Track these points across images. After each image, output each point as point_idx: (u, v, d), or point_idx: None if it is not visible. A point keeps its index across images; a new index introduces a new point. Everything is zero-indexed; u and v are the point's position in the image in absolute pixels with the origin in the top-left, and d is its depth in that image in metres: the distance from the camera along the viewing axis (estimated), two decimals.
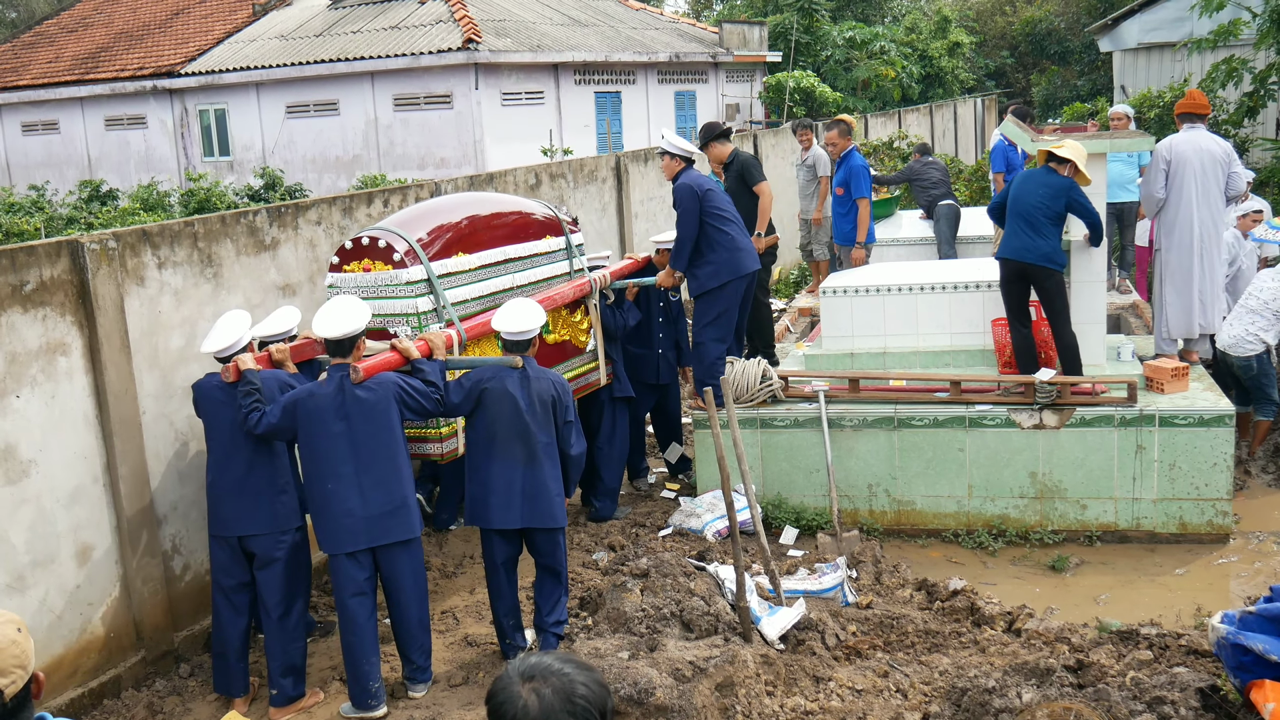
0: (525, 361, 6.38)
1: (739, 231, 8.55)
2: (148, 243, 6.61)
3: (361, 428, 5.92)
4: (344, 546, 5.94)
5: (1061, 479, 7.94)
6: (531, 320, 6.47)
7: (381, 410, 5.94)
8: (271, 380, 6.18)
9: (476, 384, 6.32)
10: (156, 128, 25.24)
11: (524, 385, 6.31)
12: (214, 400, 6.16)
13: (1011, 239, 7.96)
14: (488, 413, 6.31)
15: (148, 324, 6.59)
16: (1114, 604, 7.05)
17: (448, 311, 7.00)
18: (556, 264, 8.06)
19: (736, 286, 8.50)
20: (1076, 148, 8.00)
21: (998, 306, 8.53)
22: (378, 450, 5.94)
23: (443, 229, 7.24)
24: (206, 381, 6.26)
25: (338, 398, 5.92)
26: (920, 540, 8.15)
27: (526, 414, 6.28)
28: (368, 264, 6.98)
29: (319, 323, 6.01)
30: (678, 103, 26.74)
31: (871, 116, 24.56)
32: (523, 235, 7.81)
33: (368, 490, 5.92)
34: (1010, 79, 42.07)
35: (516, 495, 6.30)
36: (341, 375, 5.96)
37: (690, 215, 8.36)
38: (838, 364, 8.88)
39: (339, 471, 5.90)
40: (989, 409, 7.99)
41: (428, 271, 6.96)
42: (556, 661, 2.31)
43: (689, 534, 8.03)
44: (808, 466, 8.32)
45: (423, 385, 6.17)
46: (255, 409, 5.99)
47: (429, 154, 21.76)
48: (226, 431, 6.11)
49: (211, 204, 16.10)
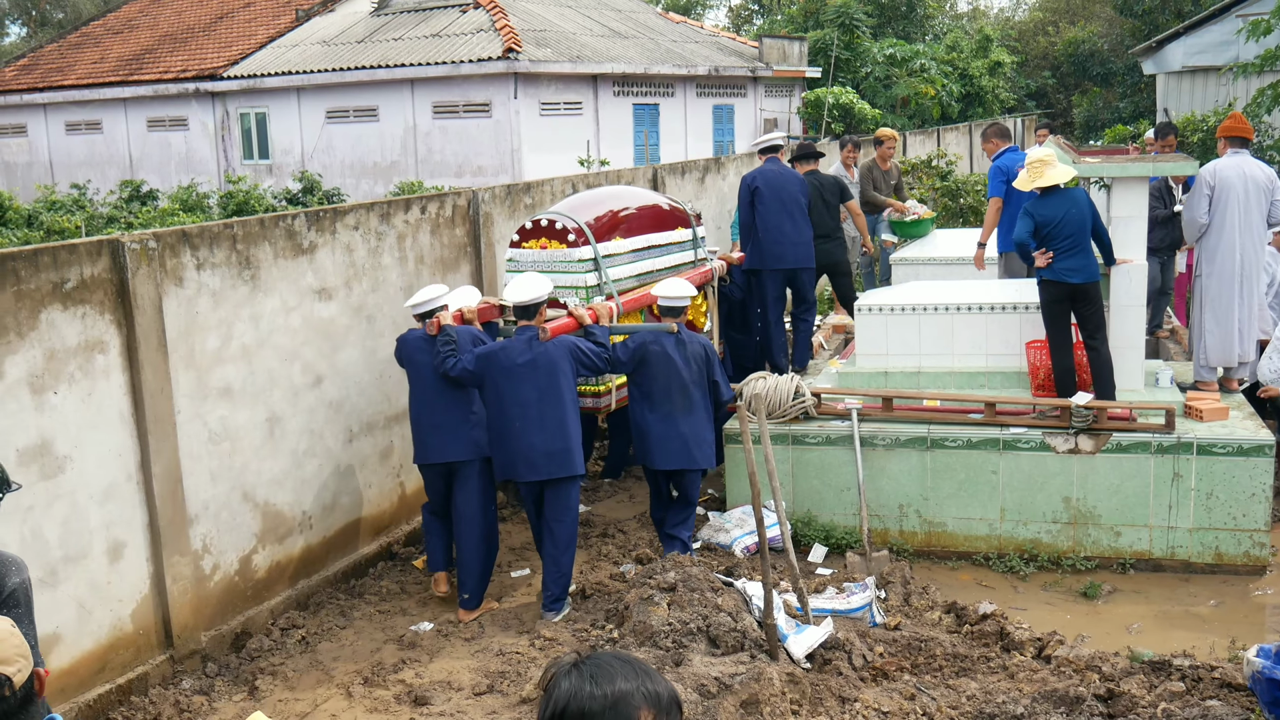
0: (679, 327, 7.54)
1: (778, 226, 9.34)
2: (187, 244, 6.67)
3: (544, 378, 7.07)
4: (525, 476, 7.09)
5: (1096, 505, 7.87)
6: (687, 290, 7.71)
7: (560, 365, 7.11)
8: (465, 334, 7.38)
9: (641, 345, 7.49)
10: (197, 130, 25.50)
11: (680, 347, 7.49)
12: (416, 349, 7.36)
13: (1065, 260, 7.96)
14: (650, 371, 7.45)
15: (185, 324, 6.65)
16: (1146, 634, 6.97)
17: (609, 287, 8.25)
18: (685, 252, 9.27)
19: (769, 279, 9.42)
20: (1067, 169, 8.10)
21: (1035, 328, 8.48)
22: (555, 398, 7.07)
23: (604, 215, 8.46)
24: (410, 334, 7.46)
25: (526, 352, 7.09)
26: (950, 563, 8.10)
27: (684, 371, 7.44)
28: (544, 242, 8.19)
29: (510, 292, 7.26)
30: (716, 116, 26.76)
31: (910, 134, 24.48)
32: (662, 225, 9.05)
33: (547, 430, 7.05)
34: (1051, 99, 41.84)
35: (676, 441, 7.44)
36: (531, 335, 7.14)
37: (740, 204, 9.69)
38: (871, 382, 8.85)
39: (526, 413, 7.03)
40: (1024, 432, 7.94)
41: (595, 251, 8.20)
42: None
43: (717, 549, 8.01)
44: (839, 484, 8.29)
45: (594, 346, 7.32)
46: (451, 354, 7.17)
47: (466, 162, 21.86)
48: (428, 375, 7.29)
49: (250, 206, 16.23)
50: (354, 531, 8.06)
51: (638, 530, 8.51)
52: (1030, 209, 8.11)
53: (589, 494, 9.35)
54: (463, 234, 9.13)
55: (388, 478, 8.37)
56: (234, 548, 7.04)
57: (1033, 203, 8.15)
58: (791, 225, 9.49)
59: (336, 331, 7.81)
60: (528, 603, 7.48)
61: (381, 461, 8.29)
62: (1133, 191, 8.34)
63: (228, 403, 6.94)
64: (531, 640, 6.79)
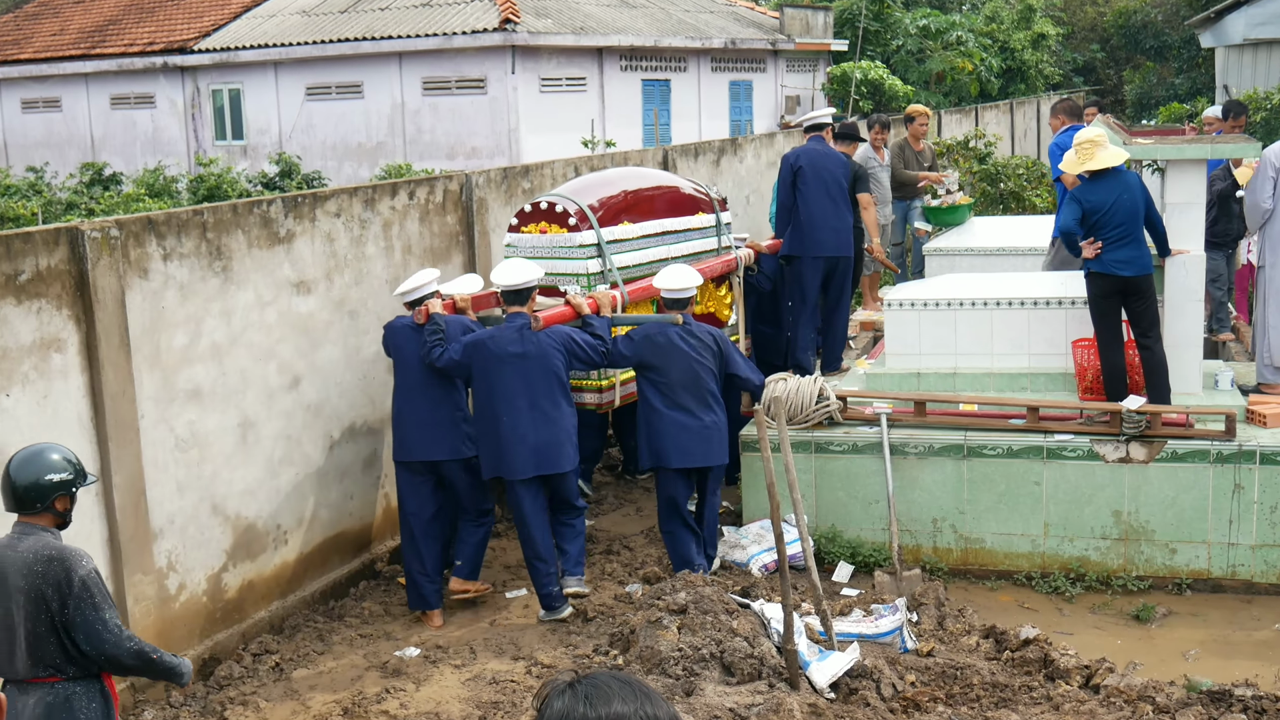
0: (684, 318, 7.64)
1: (820, 209, 9.44)
2: (153, 232, 6.68)
3: (535, 370, 7.27)
4: (514, 474, 7.30)
5: (1149, 519, 7.84)
6: (690, 280, 7.83)
7: (553, 356, 7.29)
8: (455, 324, 7.51)
9: (644, 338, 7.61)
10: (165, 108, 25.56)
11: (687, 339, 7.60)
12: (404, 339, 7.53)
13: (1116, 250, 7.93)
14: (658, 363, 7.58)
15: (150, 320, 6.66)
16: (1204, 660, 6.95)
17: (613, 275, 8.33)
18: (707, 239, 9.35)
19: (808, 266, 9.53)
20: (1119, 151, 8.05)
21: (1081, 325, 8.45)
22: (547, 392, 7.27)
23: (610, 198, 8.59)
24: (398, 322, 7.65)
25: (516, 342, 7.28)
26: (989, 582, 8.08)
27: (696, 365, 7.57)
28: (544, 226, 8.33)
29: (498, 275, 7.44)
30: (732, 93, 26.75)
31: (946, 112, 24.45)
32: (678, 210, 9.15)
33: (537, 425, 7.26)
34: (1100, 75, 41.75)
35: (691, 437, 7.56)
36: (522, 323, 7.31)
37: (779, 185, 9.87)
38: (902, 384, 8.83)
39: (514, 406, 7.25)
40: (1070, 439, 7.92)
41: (598, 237, 8.31)
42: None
43: (733, 567, 8.01)
44: (866, 497, 8.27)
45: (591, 338, 7.50)
46: (438, 344, 7.32)
47: (459, 143, 21.88)
48: (414, 367, 7.45)
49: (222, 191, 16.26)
50: (334, 547, 8.07)
51: (645, 546, 8.50)
52: (1078, 194, 8.09)
53: (592, 506, 9.34)
54: (454, 221, 9.13)
55: (371, 488, 8.37)
56: (202, 565, 7.04)
57: (1080, 188, 8.13)
58: (834, 209, 9.59)
59: (316, 328, 7.81)
60: (523, 626, 7.48)
61: (365, 470, 8.29)
62: (1189, 176, 8.30)
63: (196, 406, 6.95)
64: (528, 667, 6.79)
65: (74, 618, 4.38)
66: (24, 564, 4.40)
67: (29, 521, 4.53)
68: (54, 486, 4.51)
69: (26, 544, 4.45)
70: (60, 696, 4.45)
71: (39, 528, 4.51)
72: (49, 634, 4.41)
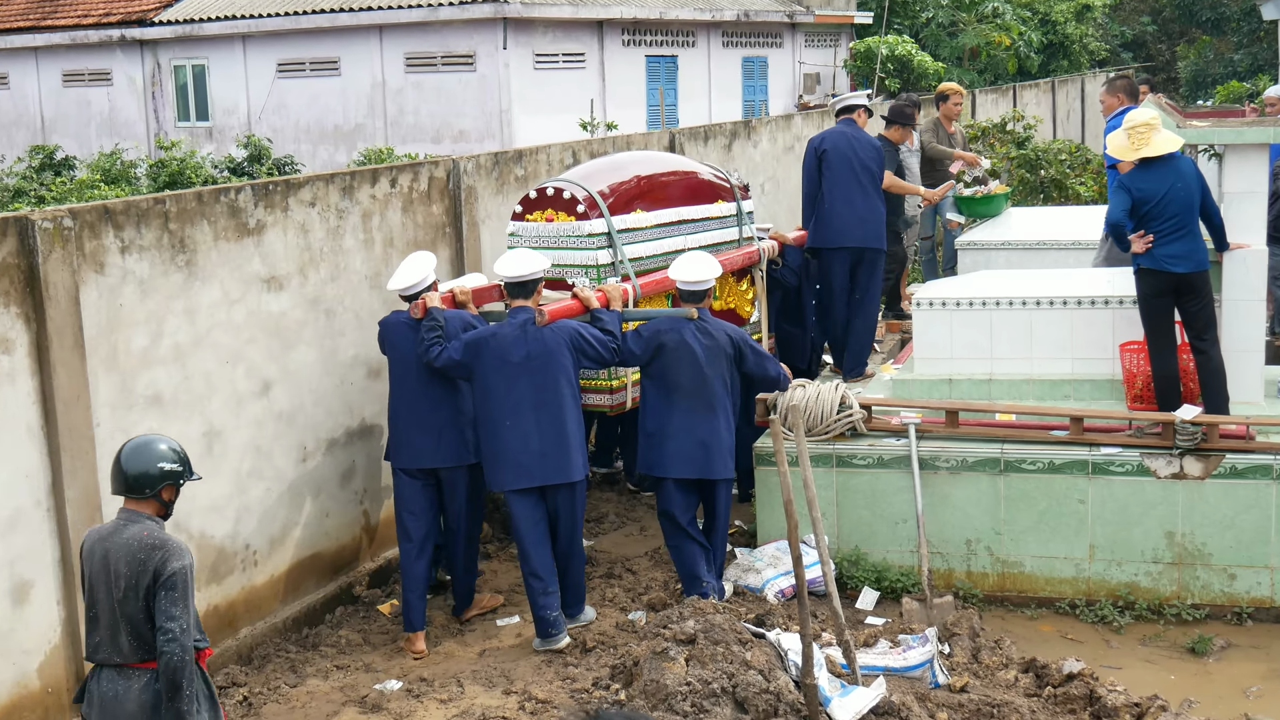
0: (700, 313, 7.67)
1: (846, 198, 9.53)
2: (110, 222, 6.68)
3: (540, 370, 7.31)
4: (517, 484, 7.34)
5: (1205, 541, 7.83)
6: (708, 271, 7.85)
7: (559, 355, 7.33)
8: (456, 319, 7.53)
9: (655, 334, 7.63)
10: (123, 85, 25.60)
11: (701, 337, 7.63)
12: (400, 336, 7.56)
13: (1168, 245, 7.92)
14: (666, 363, 7.61)
15: (107, 319, 6.66)
16: (1267, 698, 6.94)
17: (625, 266, 8.42)
18: (727, 230, 9.43)
19: (833, 259, 9.65)
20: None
21: (1130, 327, 8.45)
22: (553, 393, 7.32)
23: (622, 184, 8.71)
24: (393, 318, 7.66)
25: (520, 339, 7.31)
26: (1029, 611, 8.07)
27: (705, 365, 7.59)
28: (550, 214, 8.45)
29: (501, 265, 7.49)
30: (745, 71, 26.78)
31: (981, 92, 24.47)
32: (696, 198, 9.24)
33: (543, 430, 7.31)
34: (1151, 50, 41.77)
35: (694, 445, 7.59)
36: (525, 318, 7.35)
37: (804, 171, 9.89)
38: (932, 392, 8.83)
39: (517, 409, 7.29)
40: (1118, 453, 7.91)
41: (608, 225, 8.41)
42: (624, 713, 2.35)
43: (746, 593, 8.01)
44: (893, 516, 8.27)
45: (600, 334, 7.53)
46: (436, 343, 7.34)
47: (445, 125, 21.91)
48: (412, 367, 7.48)
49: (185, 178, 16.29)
50: (308, 569, 8.06)
51: (650, 570, 8.50)
52: (1127, 182, 8.08)
53: (591, 525, 9.34)
54: (440, 212, 9.13)
55: (349, 505, 8.37)
56: None
57: (1130, 174, 8.12)
58: (862, 198, 9.65)
59: (288, 328, 7.81)
60: (516, 656, 7.47)
61: (342, 485, 8.28)
62: (1250, 162, 8.29)
63: (157, 413, 6.95)
64: (521, 702, 6.79)
65: (157, 600, 4.90)
66: (128, 550, 4.93)
67: (135, 509, 5.08)
68: (163, 475, 5.08)
69: (132, 531, 4.99)
70: None
71: (144, 516, 5.06)
72: (147, 620, 4.94)
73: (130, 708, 4.93)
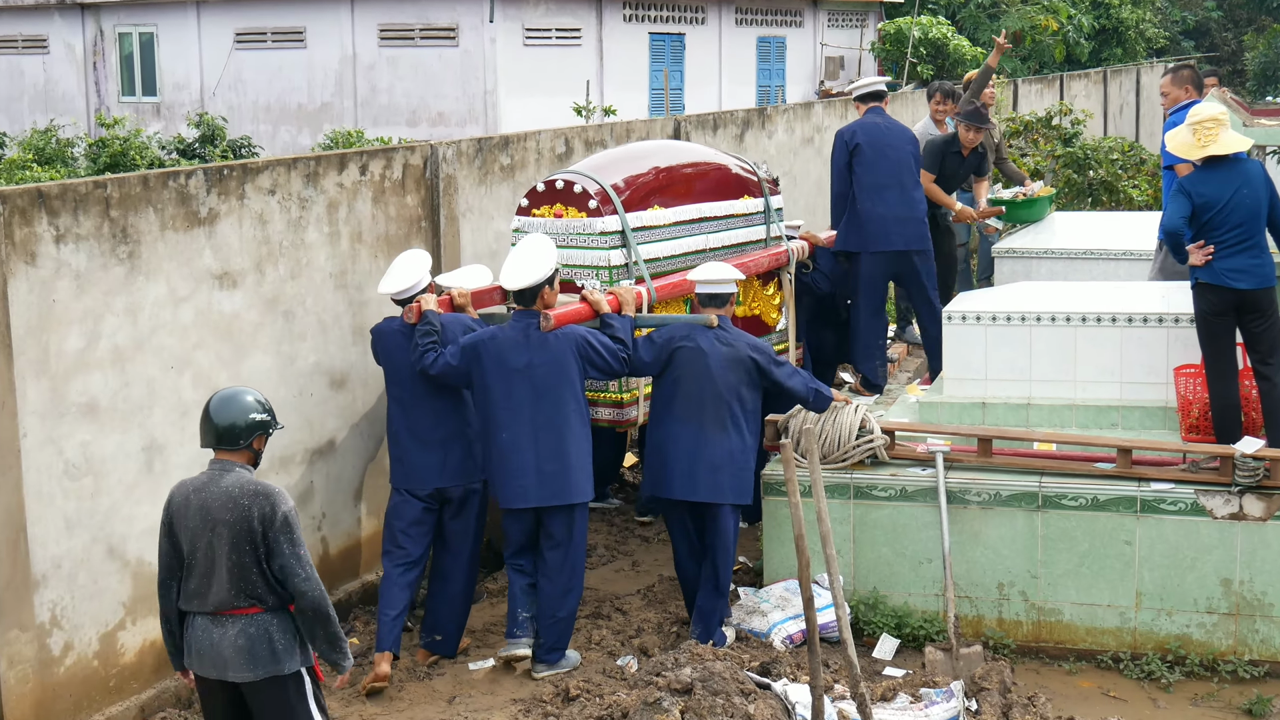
0: (720, 320, 7.77)
1: (882, 196, 9.67)
2: (43, 207, 6.68)
3: (542, 379, 7.41)
4: (509, 503, 7.49)
5: (1266, 590, 7.84)
6: (729, 274, 8.04)
7: (564, 363, 7.42)
8: (454, 324, 7.67)
9: (669, 342, 7.73)
10: (61, 54, 25.61)
11: (718, 347, 7.70)
12: (395, 344, 7.69)
13: (1231, 257, 7.93)
14: (678, 374, 7.70)
15: (37, 317, 6.65)
16: None
17: (639, 268, 8.48)
18: (753, 228, 9.55)
19: (870, 264, 9.81)
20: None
21: (1187, 349, 8.46)
22: (556, 405, 7.42)
23: (638, 177, 8.82)
24: (386, 325, 7.81)
25: (522, 344, 7.42)
26: (1067, 664, 8.08)
27: (719, 379, 7.66)
28: (559, 209, 8.52)
29: (506, 275, 7.59)
30: (761, 52, 26.82)
31: (1024, 81, 24.52)
32: (721, 193, 9.34)
33: (541, 445, 7.41)
34: (1215, 39, 41.89)
35: (701, 465, 7.65)
36: (529, 322, 7.44)
37: (833, 168, 10.09)
38: (963, 416, 8.84)
39: (517, 420, 7.40)
40: (1169, 489, 7.92)
41: (623, 223, 8.48)
42: None
43: (750, 638, 8.01)
44: (916, 554, 8.28)
45: (610, 342, 7.60)
46: (431, 349, 7.46)
47: (423, 106, 21.93)
48: (409, 377, 7.63)
49: (129, 159, 16.30)
50: None
51: (642, 610, 8.49)
52: (1186, 186, 8.09)
53: None
54: (416, 203, 9.14)
55: (305, 532, 8.34)
56: (94, 621, 7.03)
57: (1191, 177, 8.13)
58: (900, 196, 9.76)
59: (242, 331, 7.81)
60: (489, 705, 7.47)
61: (298, 509, 8.26)
62: None
63: (92, 423, 6.94)
64: None
65: (274, 546, 5.52)
66: (229, 497, 5.51)
67: (227, 459, 5.66)
68: (252, 426, 5.67)
69: (229, 480, 5.57)
70: (260, 628, 5.55)
71: (238, 465, 5.65)
72: (253, 564, 5.52)
73: (227, 653, 5.51)
